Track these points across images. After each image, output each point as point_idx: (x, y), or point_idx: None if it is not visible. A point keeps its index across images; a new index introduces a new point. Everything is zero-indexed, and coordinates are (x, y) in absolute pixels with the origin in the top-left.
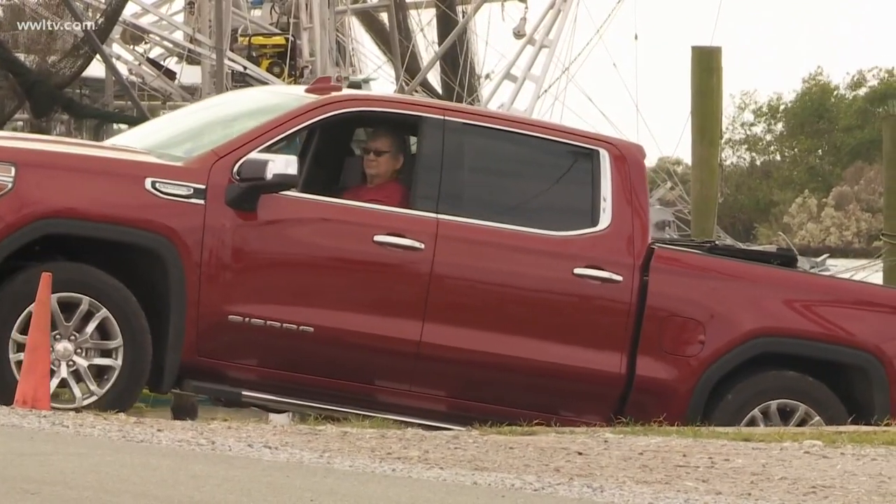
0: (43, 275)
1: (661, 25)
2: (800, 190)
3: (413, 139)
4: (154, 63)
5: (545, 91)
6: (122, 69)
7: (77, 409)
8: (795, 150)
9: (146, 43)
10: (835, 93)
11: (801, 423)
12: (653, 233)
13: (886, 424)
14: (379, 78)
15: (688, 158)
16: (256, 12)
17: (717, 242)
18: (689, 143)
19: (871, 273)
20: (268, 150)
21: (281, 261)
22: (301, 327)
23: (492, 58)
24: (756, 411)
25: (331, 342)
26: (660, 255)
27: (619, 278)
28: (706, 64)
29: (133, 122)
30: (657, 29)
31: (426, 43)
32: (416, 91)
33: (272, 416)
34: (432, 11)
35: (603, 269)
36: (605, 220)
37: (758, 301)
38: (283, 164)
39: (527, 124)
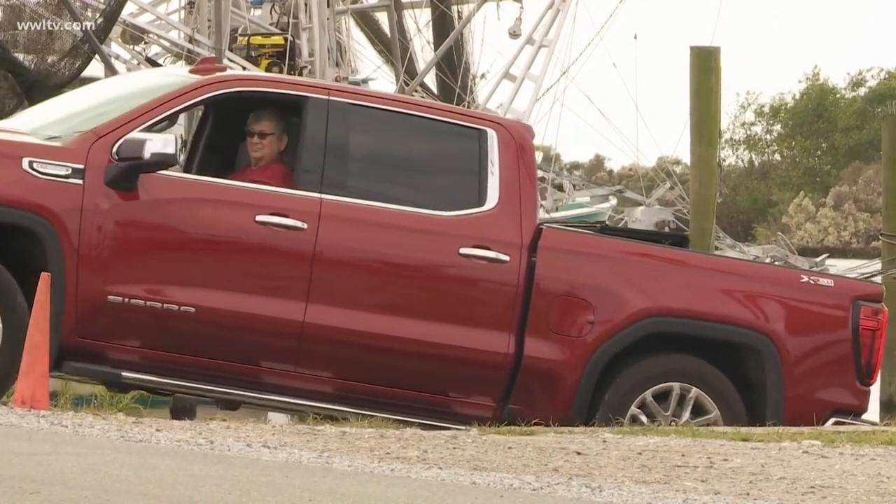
0: (42, 275)
1: (661, 25)
2: (798, 190)
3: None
4: (152, 62)
5: (545, 92)
6: (121, 69)
7: None
8: (794, 150)
9: (145, 43)
10: (835, 94)
11: (694, 406)
12: None
13: (886, 425)
14: (378, 78)
15: (687, 158)
16: (257, 12)
17: (607, 223)
18: (688, 143)
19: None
20: (148, 129)
21: (161, 241)
22: (182, 308)
23: (487, 57)
24: (647, 394)
25: (213, 323)
26: (548, 234)
27: (506, 258)
28: (705, 64)
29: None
30: (657, 29)
31: (422, 43)
32: (416, 91)
33: (271, 415)
34: (428, 11)
35: (489, 249)
36: (492, 199)
37: (648, 281)
38: (162, 144)
39: (413, 104)
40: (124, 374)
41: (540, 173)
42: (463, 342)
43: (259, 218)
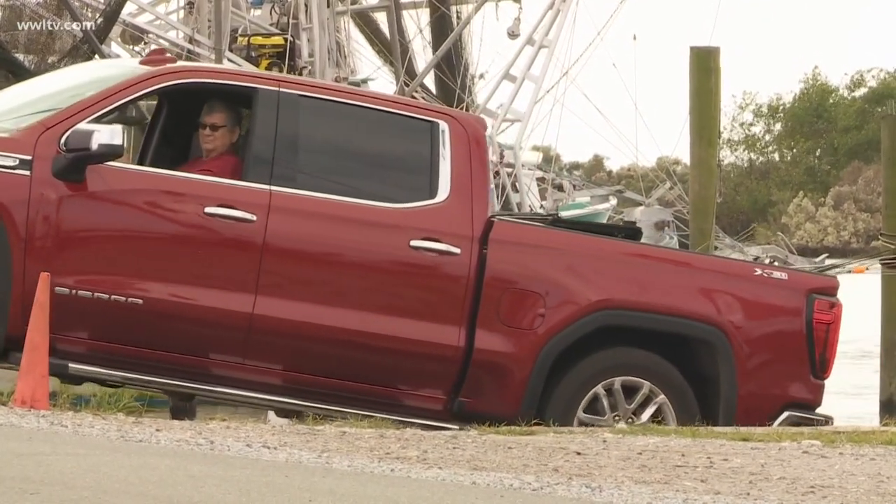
0: (41, 275)
1: (661, 26)
2: (797, 190)
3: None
4: None
5: (546, 93)
6: None
7: None
8: (794, 150)
9: (145, 43)
10: (834, 94)
11: (645, 400)
12: (652, 233)
13: (885, 425)
14: (378, 79)
15: (687, 158)
16: (257, 12)
17: (559, 215)
18: (687, 143)
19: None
20: (96, 121)
21: (108, 232)
22: (130, 299)
23: (486, 57)
24: (599, 388)
25: (161, 314)
26: (499, 227)
27: (457, 251)
28: (704, 64)
29: (131, 121)
30: (656, 29)
31: (422, 43)
32: (416, 92)
33: (271, 415)
34: (428, 12)
35: (440, 242)
36: (443, 192)
37: (600, 274)
38: (109, 135)
39: (364, 96)
40: (71, 365)
41: (540, 173)
42: (413, 335)
43: (208, 210)
